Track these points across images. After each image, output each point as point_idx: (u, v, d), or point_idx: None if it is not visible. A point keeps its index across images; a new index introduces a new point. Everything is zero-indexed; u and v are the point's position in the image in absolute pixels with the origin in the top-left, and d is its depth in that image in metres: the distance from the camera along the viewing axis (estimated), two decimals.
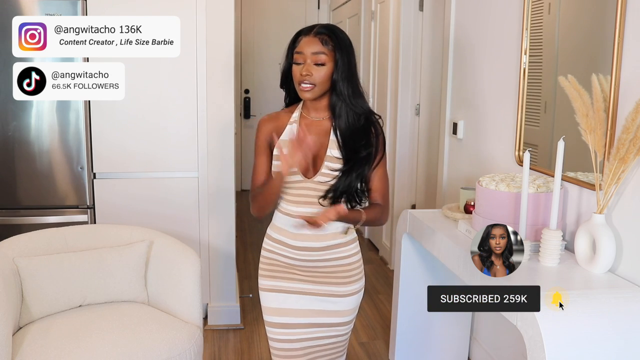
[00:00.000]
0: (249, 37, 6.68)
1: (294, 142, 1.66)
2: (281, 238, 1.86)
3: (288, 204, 1.83)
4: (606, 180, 1.76)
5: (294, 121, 1.83)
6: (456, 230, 2.26)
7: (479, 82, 2.85)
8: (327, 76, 1.74)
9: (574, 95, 1.86)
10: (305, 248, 1.83)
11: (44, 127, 2.97)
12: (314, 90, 1.74)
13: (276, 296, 1.88)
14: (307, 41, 1.74)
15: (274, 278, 1.88)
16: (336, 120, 1.79)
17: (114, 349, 2.07)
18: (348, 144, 1.77)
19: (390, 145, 4.32)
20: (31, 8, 2.86)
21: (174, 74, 3.03)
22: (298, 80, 1.75)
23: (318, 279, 1.86)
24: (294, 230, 1.83)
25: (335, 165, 1.77)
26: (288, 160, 1.66)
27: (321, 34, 1.74)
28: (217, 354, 3.00)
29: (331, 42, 1.73)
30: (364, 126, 1.79)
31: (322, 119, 1.83)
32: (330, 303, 1.87)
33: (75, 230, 2.57)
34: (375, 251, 4.73)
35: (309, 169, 1.79)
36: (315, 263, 1.85)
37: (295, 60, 1.75)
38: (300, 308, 1.87)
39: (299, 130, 1.75)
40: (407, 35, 3.97)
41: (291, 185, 1.79)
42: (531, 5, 2.34)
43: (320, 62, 1.73)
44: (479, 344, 2.86)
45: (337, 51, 1.73)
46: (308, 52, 1.73)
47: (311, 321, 1.88)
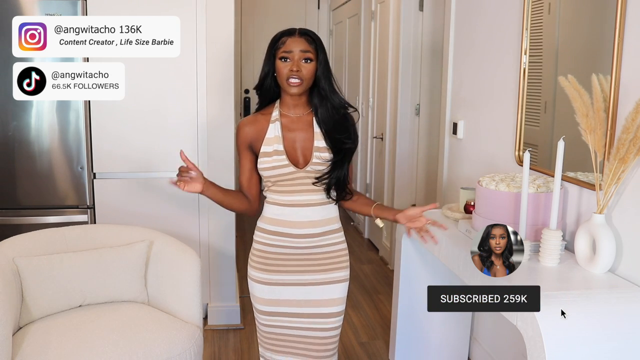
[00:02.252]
0: (249, 37, 6.68)
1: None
2: (277, 228, 1.96)
3: (280, 195, 1.95)
4: (606, 180, 1.76)
5: (276, 119, 1.95)
6: (456, 230, 2.26)
7: (478, 82, 2.85)
8: (313, 72, 1.90)
9: (574, 95, 1.86)
10: (304, 235, 1.95)
11: (44, 127, 2.97)
12: (302, 85, 1.88)
13: (270, 289, 1.98)
14: (294, 40, 1.88)
15: (266, 271, 1.98)
16: (318, 114, 1.94)
17: (114, 349, 2.07)
18: (332, 135, 1.93)
19: (390, 145, 4.32)
20: (31, 8, 2.86)
21: (174, 74, 3.03)
22: (286, 76, 1.87)
23: (312, 267, 1.98)
24: (293, 218, 1.94)
25: (324, 154, 1.93)
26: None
27: (306, 35, 1.90)
28: (217, 354, 3.00)
29: (314, 42, 1.90)
30: (343, 118, 1.96)
31: (302, 115, 1.97)
32: (323, 291, 1.98)
33: (75, 230, 2.57)
34: (375, 251, 4.73)
35: (298, 160, 1.93)
36: (311, 249, 1.97)
37: (282, 57, 1.87)
38: (293, 298, 1.98)
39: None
40: (407, 35, 3.97)
41: (284, 177, 1.92)
42: (531, 5, 2.34)
43: (308, 58, 1.88)
44: (479, 344, 2.86)
45: (319, 51, 1.90)
46: (297, 49, 1.87)
47: (304, 311, 1.98)
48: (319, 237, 1.96)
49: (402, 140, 4.14)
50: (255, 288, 2.01)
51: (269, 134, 1.93)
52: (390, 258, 4.29)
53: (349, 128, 1.96)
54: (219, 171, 3.13)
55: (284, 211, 1.94)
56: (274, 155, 1.91)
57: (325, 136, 1.93)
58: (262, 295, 1.99)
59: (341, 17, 5.96)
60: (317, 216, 1.95)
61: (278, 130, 1.93)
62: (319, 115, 1.94)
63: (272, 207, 1.97)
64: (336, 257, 2.01)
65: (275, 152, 1.91)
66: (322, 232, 1.97)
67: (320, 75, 1.91)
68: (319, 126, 1.94)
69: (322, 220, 1.96)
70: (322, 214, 1.96)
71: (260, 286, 1.99)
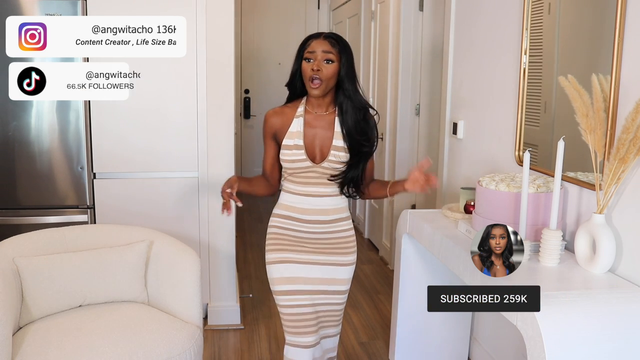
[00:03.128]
0: (249, 37, 6.68)
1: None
2: (291, 214, 2.14)
3: (296, 185, 2.13)
4: (606, 180, 1.76)
5: (300, 115, 2.10)
6: (456, 230, 2.26)
7: (478, 82, 2.85)
8: (334, 73, 2.03)
9: (574, 95, 1.86)
10: (315, 221, 2.13)
11: (44, 127, 2.97)
12: (322, 87, 2.03)
13: (285, 267, 2.12)
14: (318, 42, 2.04)
15: (281, 251, 2.13)
16: (343, 116, 2.08)
17: (114, 349, 2.07)
18: (352, 136, 2.07)
19: (390, 145, 4.32)
20: (31, 8, 2.86)
21: (174, 74, 3.03)
22: (309, 76, 2.03)
23: (323, 249, 2.14)
24: (304, 206, 2.12)
25: (340, 153, 2.08)
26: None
27: (330, 38, 2.05)
28: (217, 354, 3.00)
29: (338, 45, 2.04)
30: (364, 121, 2.09)
31: (325, 114, 2.11)
32: (332, 271, 2.15)
33: (75, 230, 2.57)
34: (375, 251, 4.73)
35: (316, 156, 2.09)
36: (321, 235, 2.14)
37: (306, 58, 2.03)
38: (306, 276, 2.12)
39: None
40: (407, 35, 3.97)
41: (301, 170, 2.09)
42: (531, 5, 2.34)
43: (329, 59, 2.02)
44: (479, 344, 2.86)
45: (342, 53, 2.04)
46: (319, 50, 2.02)
47: (316, 288, 2.13)
48: (328, 224, 2.14)
49: (402, 140, 4.14)
50: (272, 270, 2.14)
51: (292, 128, 2.09)
52: (390, 258, 4.29)
53: (368, 131, 2.10)
54: (219, 171, 3.13)
55: (297, 199, 2.13)
56: (294, 149, 2.08)
57: (345, 136, 2.08)
58: (279, 274, 2.12)
59: (341, 17, 5.96)
60: (327, 205, 2.13)
61: (300, 125, 2.09)
62: (342, 115, 2.08)
63: (287, 195, 2.15)
64: (344, 242, 2.17)
65: (295, 146, 2.07)
66: (332, 220, 2.14)
67: (344, 77, 2.04)
68: (340, 126, 2.09)
69: (331, 209, 2.14)
70: (331, 204, 2.14)
71: (276, 266, 2.13)
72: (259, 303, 3.60)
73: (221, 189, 2.00)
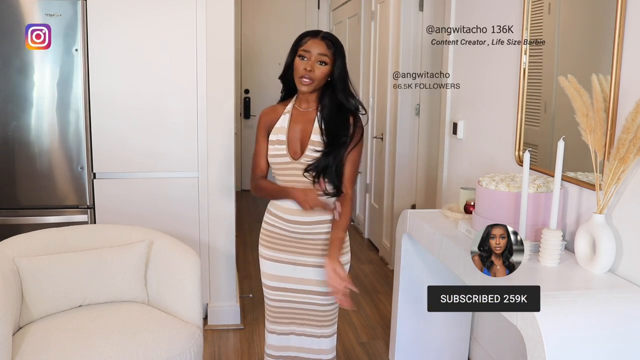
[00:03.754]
0: (249, 37, 6.68)
1: (322, 204, 2.00)
2: (278, 213, 2.14)
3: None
4: (606, 180, 1.76)
5: (288, 112, 2.13)
6: (456, 230, 2.26)
7: (478, 82, 2.85)
8: (325, 74, 2.04)
9: (574, 95, 1.86)
10: (296, 222, 2.11)
11: (44, 127, 2.97)
12: (312, 85, 2.04)
13: (274, 265, 2.17)
14: (314, 42, 2.03)
15: (273, 249, 2.17)
16: (321, 110, 2.08)
17: (114, 349, 2.07)
18: (330, 131, 2.06)
19: (390, 145, 4.32)
20: (32, 8, 2.86)
21: (174, 74, 3.03)
22: (300, 74, 2.03)
23: (308, 251, 2.13)
24: (288, 205, 2.10)
25: (317, 148, 2.06)
26: (310, 204, 1.99)
27: (326, 39, 2.05)
28: (217, 354, 3.00)
29: (333, 47, 2.04)
30: (345, 117, 2.07)
31: (309, 110, 2.11)
32: (312, 273, 2.14)
33: (75, 230, 2.57)
34: (375, 251, 4.73)
35: (296, 151, 2.08)
36: (305, 235, 2.12)
37: (301, 55, 2.03)
38: (293, 276, 2.15)
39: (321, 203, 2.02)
40: (407, 35, 3.97)
41: (281, 165, 2.09)
42: (531, 5, 2.34)
43: (323, 62, 2.03)
44: (479, 344, 2.86)
45: (337, 56, 2.05)
46: (315, 51, 2.02)
47: (299, 287, 2.16)
48: (310, 226, 2.11)
49: (402, 141, 4.14)
50: (263, 264, 2.21)
51: (278, 124, 2.12)
52: (390, 258, 4.29)
53: (347, 126, 2.07)
54: (219, 171, 3.13)
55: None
56: (276, 144, 2.09)
57: (323, 132, 2.07)
58: (269, 271, 2.18)
59: (341, 17, 5.96)
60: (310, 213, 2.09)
61: (286, 121, 2.11)
62: (323, 112, 2.08)
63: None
64: (323, 245, 2.12)
65: (277, 141, 2.09)
66: (313, 222, 2.10)
67: (337, 79, 2.05)
68: (319, 122, 2.08)
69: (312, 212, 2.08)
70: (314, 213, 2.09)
71: (267, 262, 2.19)
72: (259, 303, 3.60)
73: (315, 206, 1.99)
